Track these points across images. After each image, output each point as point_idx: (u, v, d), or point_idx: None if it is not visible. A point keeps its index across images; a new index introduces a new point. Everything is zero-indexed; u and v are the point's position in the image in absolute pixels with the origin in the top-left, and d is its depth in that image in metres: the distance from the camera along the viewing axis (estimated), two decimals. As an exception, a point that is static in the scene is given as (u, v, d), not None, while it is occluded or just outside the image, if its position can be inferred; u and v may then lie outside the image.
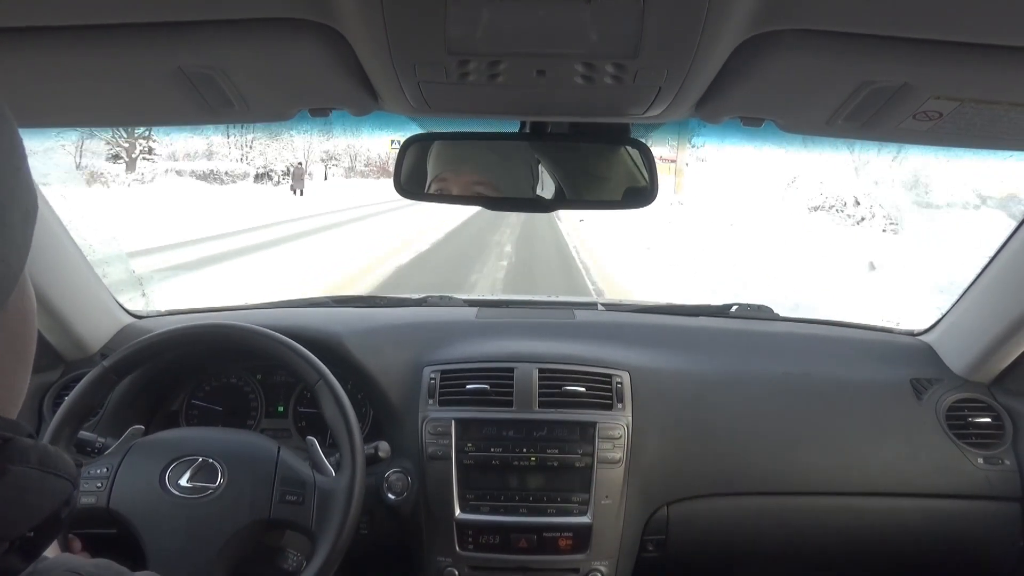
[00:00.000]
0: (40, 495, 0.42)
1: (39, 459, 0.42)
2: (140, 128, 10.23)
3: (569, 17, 0.64)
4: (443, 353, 1.57)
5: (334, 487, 1.20)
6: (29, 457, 0.42)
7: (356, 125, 1.05)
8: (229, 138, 32.44)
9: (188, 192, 22.18)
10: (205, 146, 32.11)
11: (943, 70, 0.72)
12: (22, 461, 0.41)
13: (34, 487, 0.42)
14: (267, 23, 0.70)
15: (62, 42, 0.71)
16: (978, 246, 3.00)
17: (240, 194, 23.89)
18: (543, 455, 1.42)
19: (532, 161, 1.21)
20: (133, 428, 1.27)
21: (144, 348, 1.29)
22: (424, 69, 0.76)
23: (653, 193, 1.16)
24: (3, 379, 0.45)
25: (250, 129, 24.99)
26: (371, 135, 1.31)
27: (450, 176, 1.22)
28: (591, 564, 1.41)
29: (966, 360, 1.60)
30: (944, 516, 1.53)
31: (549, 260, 12.28)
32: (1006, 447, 1.54)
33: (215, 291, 8.26)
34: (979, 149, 0.97)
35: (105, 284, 1.64)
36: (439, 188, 1.22)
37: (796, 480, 1.52)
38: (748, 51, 0.71)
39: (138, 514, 1.14)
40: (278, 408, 1.62)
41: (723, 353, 1.65)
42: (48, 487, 0.42)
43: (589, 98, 0.88)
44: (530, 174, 1.22)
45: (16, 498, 0.40)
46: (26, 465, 0.41)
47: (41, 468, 0.42)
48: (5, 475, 0.40)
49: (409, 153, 1.17)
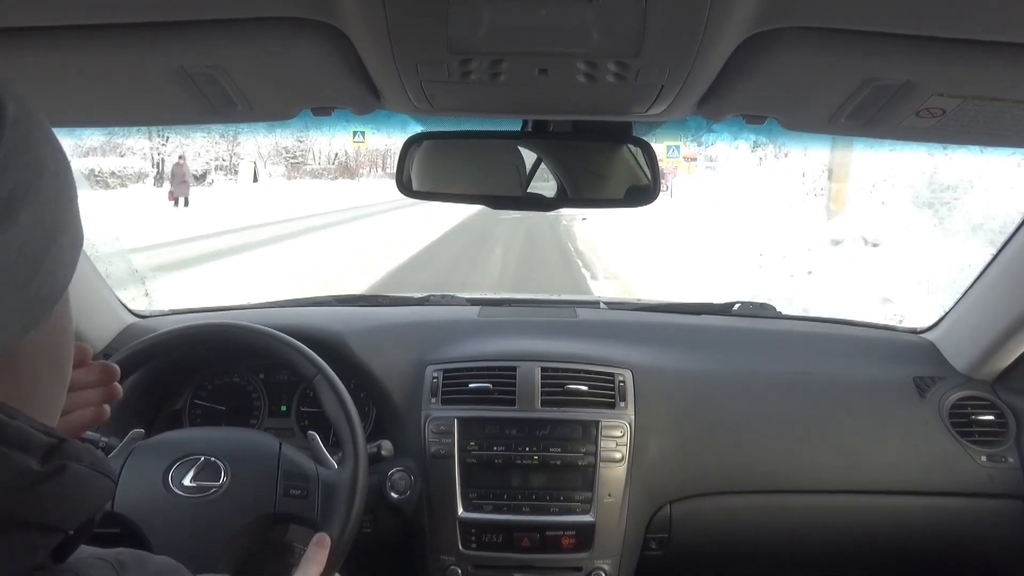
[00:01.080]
0: (92, 492, 0.46)
1: (90, 460, 0.46)
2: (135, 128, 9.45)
3: (571, 16, 0.64)
4: (445, 352, 1.57)
5: (338, 479, 1.20)
6: (82, 457, 0.45)
7: (316, 123, 1.04)
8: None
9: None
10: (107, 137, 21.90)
11: (946, 67, 0.72)
12: (78, 460, 0.45)
13: (88, 485, 0.45)
14: (269, 22, 0.70)
15: (63, 42, 0.71)
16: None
17: (108, 203, 17.83)
18: (546, 454, 1.42)
19: (534, 160, 1.21)
20: (134, 432, 1.27)
21: (142, 350, 1.29)
22: (426, 68, 0.76)
23: (655, 191, 1.16)
24: (43, 391, 0.49)
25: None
26: (331, 132, 1.29)
27: (452, 175, 1.22)
28: (594, 562, 1.41)
29: (969, 358, 1.59)
30: (947, 514, 1.53)
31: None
32: (1009, 445, 1.53)
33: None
34: (982, 146, 0.97)
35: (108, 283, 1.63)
36: (441, 187, 1.22)
37: (799, 478, 1.52)
38: (750, 49, 0.71)
39: (143, 515, 1.14)
40: (281, 407, 1.62)
41: (726, 352, 1.65)
42: (98, 485, 0.46)
43: (591, 97, 0.88)
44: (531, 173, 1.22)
45: (74, 493, 0.44)
46: (81, 463, 0.45)
47: (92, 467, 0.46)
48: (66, 471, 0.43)
49: (411, 152, 1.17)
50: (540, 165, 1.21)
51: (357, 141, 3.30)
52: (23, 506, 0.41)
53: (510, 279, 9.80)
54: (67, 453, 0.44)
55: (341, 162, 39.91)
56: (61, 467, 0.43)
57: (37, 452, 0.43)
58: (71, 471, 0.44)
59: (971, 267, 1.68)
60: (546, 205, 1.23)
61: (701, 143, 14.45)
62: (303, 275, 9.68)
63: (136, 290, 6.30)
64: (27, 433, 0.43)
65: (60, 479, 0.43)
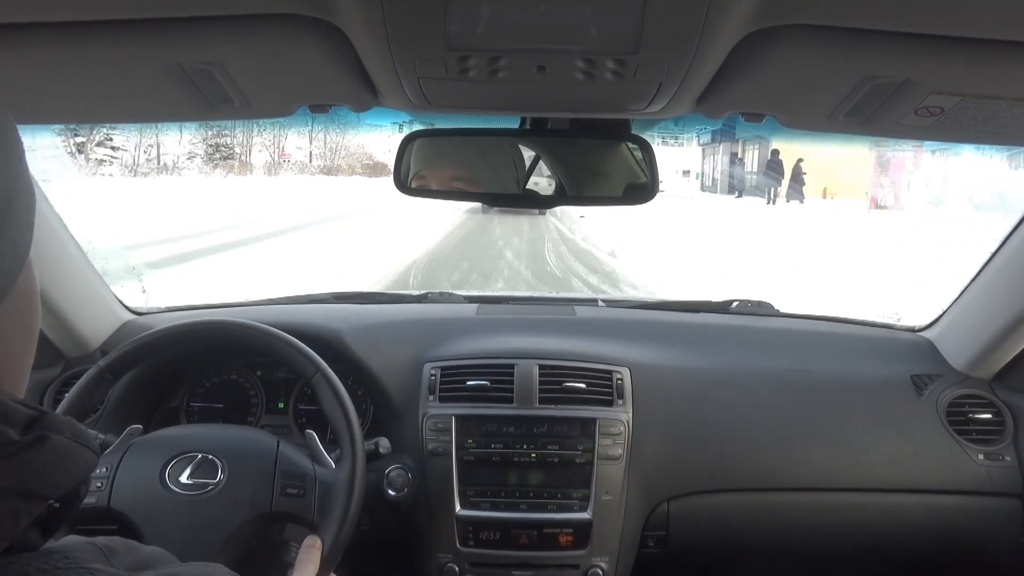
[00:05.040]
0: (75, 463, 0.46)
1: (72, 431, 0.47)
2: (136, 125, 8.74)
3: (570, 13, 0.64)
4: (443, 349, 1.57)
5: (335, 479, 1.20)
6: (63, 429, 0.46)
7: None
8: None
9: None
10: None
11: (945, 65, 0.72)
12: (58, 431, 0.45)
13: (70, 455, 0.46)
14: (267, 19, 0.70)
15: (60, 38, 0.71)
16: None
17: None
18: (543, 451, 1.42)
19: (532, 158, 1.21)
20: (131, 428, 1.27)
21: (138, 348, 1.28)
22: (424, 65, 0.75)
23: (653, 189, 1.16)
24: (16, 360, 0.49)
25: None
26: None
27: (449, 173, 1.22)
28: (591, 560, 1.41)
29: (967, 356, 1.59)
30: (945, 512, 1.53)
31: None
32: (1007, 443, 1.54)
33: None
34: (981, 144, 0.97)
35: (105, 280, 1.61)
36: (438, 185, 1.22)
37: (797, 476, 1.52)
38: (749, 46, 0.71)
39: (139, 512, 1.14)
40: (278, 404, 1.62)
41: (724, 349, 1.65)
42: (80, 456, 0.47)
43: (589, 94, 0.88)
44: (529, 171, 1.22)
45: (56, 463, 0.45)
46: (62, 435, 0.46)
47: (74, 439, 0.47)
48: (47, 441, 0.44)
49: (408, 150, 1.17)
50: (538, 163, 1.21)
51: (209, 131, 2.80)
52: (3, 474, 0.42)
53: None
54: (48, 425, 0.45)
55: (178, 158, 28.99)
56: (42, 437, 0.44)
57: (18, 423, 0.43)
58: (52, 442, 0.44)
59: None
60: (544, 203, 1.23)
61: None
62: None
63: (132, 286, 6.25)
64: (6, 405, 0.44)
65: (41, 449, 0.44)
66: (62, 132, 7.60)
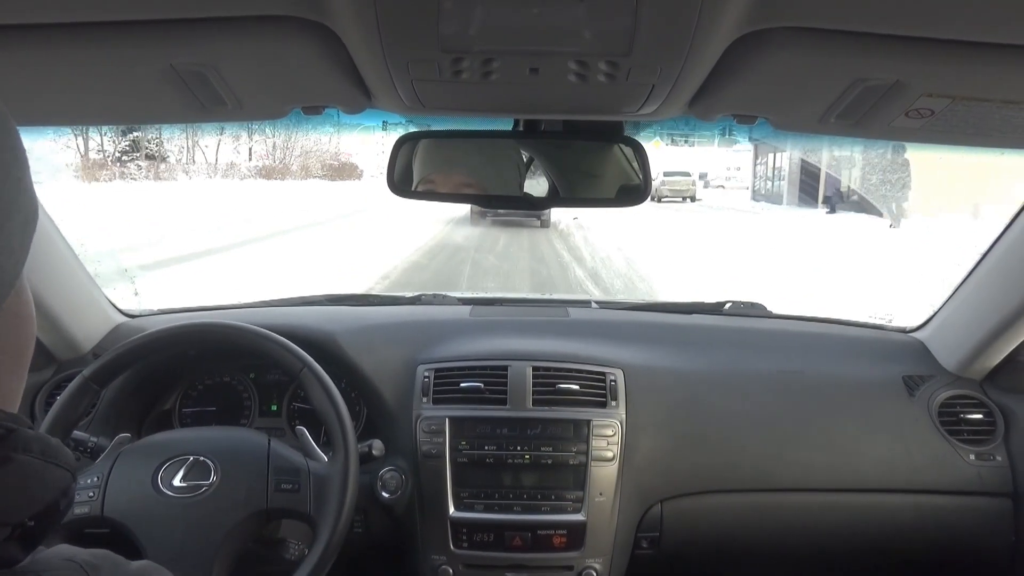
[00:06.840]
0: (42, 484, 0.44)
1: (41, 449, 0.44)
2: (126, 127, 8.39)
3: (562, 15, 0.64)
4: (437, 351, 1.57)
5: (329, 471, 1.20)
6: (32, 447, 0.43)
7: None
8: None
9: None
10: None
11: (935, 67, 0.73)
12: (25, 450, 0.43)
13: (37, 476, 0.43)
14: (260, 21, 0.70)
15: (51, 39, 0.70)
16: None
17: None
18: (537, 453, 1.42)
19: (526, 159, 1.21)
20: (120, 436, 1.26)
21: (122, 355, 1.28)
22: (417, 67, 0.75)
23: (646, 191, 1.16)
24: (4, 378, 0.47)
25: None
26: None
27: (441, 175, 1.22)
28: (585, 561, 1.41)
29: (958, 357, 1.60)
30: (936, 512, 1.54)
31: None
32: (997, 443, 1.55)
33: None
34: (971, 146, 0.97)
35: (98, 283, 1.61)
36: (430, 187, 1.22)
37: (789, 477, 1.52)
38: (741, 49, 0.71)
39: (134, 518, 1.13)
40: (271, 406, 1.61)
41: (717, 351, 1.65)
42: (50, 476, 0.44)
43: (582, 96, 0.88)
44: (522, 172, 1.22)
45: (19, 485, 0.42)
46: (29, 454, 0.43)
47: (43, 458, 0.44)
48: (10, 463, 0.42)
49: (402, 152, 1.17)
50: (532, 165, 1.21)
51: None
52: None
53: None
54: (15, 444, 0.42)
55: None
56: (4, 459, 0.41)
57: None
58: (17, 462, 0.42)
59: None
60: (537, 204, 1.23)
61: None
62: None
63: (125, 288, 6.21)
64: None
65: (3, 471, 0.41)
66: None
